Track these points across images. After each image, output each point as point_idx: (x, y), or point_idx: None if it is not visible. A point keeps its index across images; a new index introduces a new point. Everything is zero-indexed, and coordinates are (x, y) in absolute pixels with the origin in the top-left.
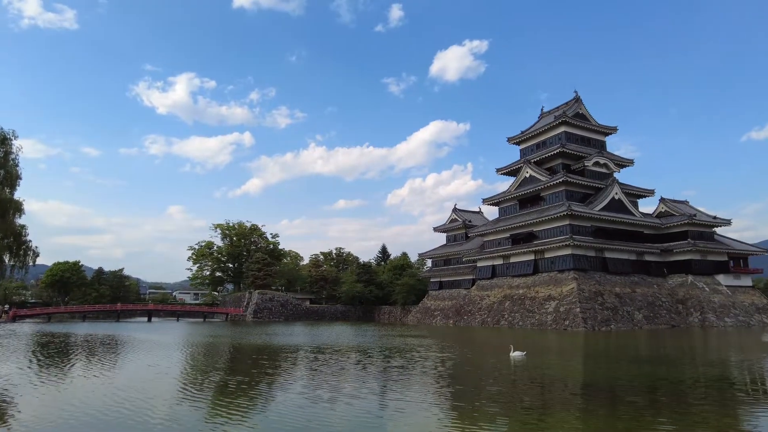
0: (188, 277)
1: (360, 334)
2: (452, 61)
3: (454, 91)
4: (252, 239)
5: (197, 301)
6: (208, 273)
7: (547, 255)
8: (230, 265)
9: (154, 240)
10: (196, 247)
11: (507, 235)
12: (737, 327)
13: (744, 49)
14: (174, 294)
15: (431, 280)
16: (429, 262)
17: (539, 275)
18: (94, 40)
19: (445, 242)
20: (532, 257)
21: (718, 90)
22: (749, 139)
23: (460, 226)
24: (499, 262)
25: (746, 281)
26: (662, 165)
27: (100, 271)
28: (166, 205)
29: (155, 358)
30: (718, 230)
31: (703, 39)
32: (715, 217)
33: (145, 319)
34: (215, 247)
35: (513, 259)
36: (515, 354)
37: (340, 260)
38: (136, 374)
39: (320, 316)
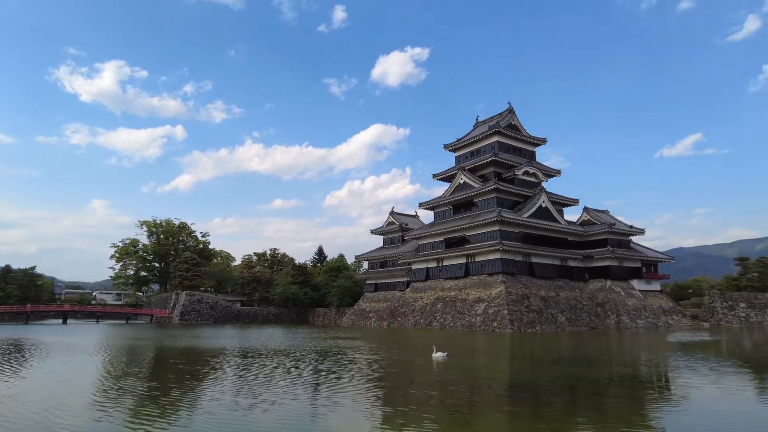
0: (110, 277)
1: (291, 336)
2: (394, 67)
3: (395, 96)
4: (181, 238)
5: (120, 302)
6: (132, 272)
7: (478, 259)
8: (156, 265)
9: (74, 236)
10: (120, 244)
11: (441, 238)
12: (647, 328)
13: (662, 73)
14: (94, 294)
15: (367, 282)
16: (365, 264)
17: (470, 278)
18: (9, 17)
19: (382, 245)
20: (464, 260)
21: (638, 110)
22: (662, 156)
23: (397, 229)
24: (433, 264)
25: (656, 286)
26: (587, 176)
27: (6, 268)
28: (88, 199)
29: (63, 364)
30: (634, 239)
31: (628, 62)
32: (631, 227)
33: (60, 321)
34: (141, 246)
35: (446, 262)
36: (437, 355)
37: (275, 261)
38: (41, 382)
39: (252, 318)
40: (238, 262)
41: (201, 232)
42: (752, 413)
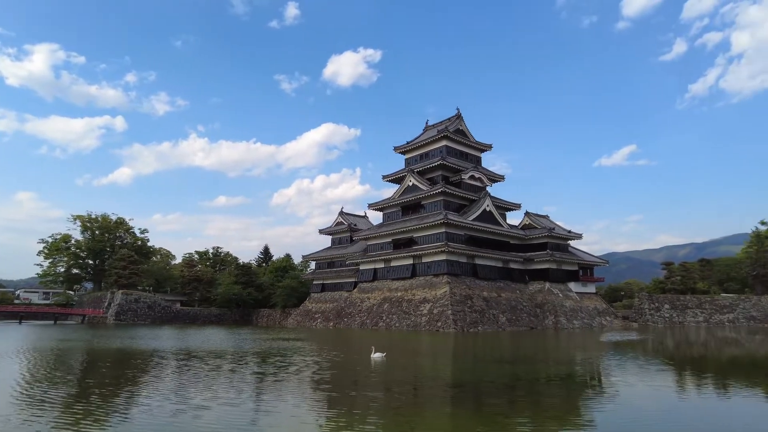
0: (37, 274)
1: (232, 337)
2: (346, 67)
3: (346, 96)
4: (118, 234)
5: (47, 302)
6: (62, 270)
7: (425, 260)
8: (90, 262)
9: None
10: (50, 240)
11: (389, 239)
12: (583, 328)
13: (601, 87)
14: (17, 293)
15: (314, 282)
16: (313, 265)
17: (417, 279)
18: None
19: (330, 245)
20: (411, 261)
21: (578, 121)
22: (600, 165)
23: (346, 230)
24: (381, 265)
25: (591, 288)
26: (529, 182)
27: None
28: (14, 190)
29: None
30: (572, 243)
31: (569, 75)
32: (570, 232)
33: None
34: (73, 241)
35: (394, 263)
36: (376, 355)
37: (218, 260)
38: None
39: (192, 319)
40: (178, 260)
41: (140, 229)
42: (674, 406)
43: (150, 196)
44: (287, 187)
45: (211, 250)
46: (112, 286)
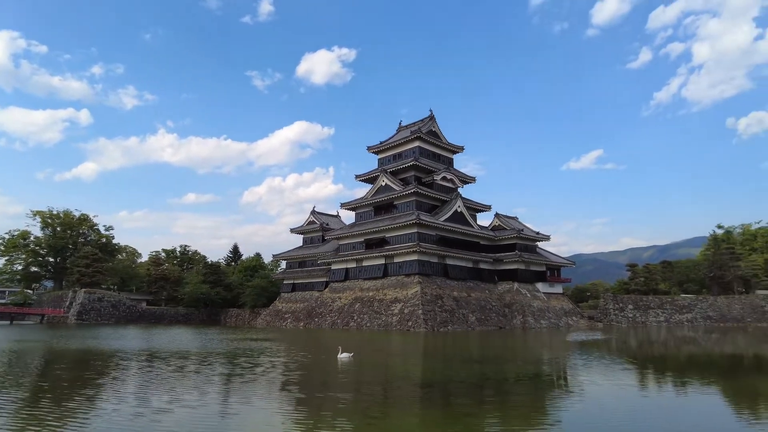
0: None
1: (199, 338)
2: (320, 65)
3: (320, 95)
4: (81, 231)
5: (3, 301)
6: (20, 267)
7: (397, 260)
8: (51, 260)
9: None
10: (7, 236)
11: (361, 239)
12: (550, 328)
13: (571, 92)
14: None
15: (284, 282)
16: (283, 264)
17: (388, 278)
18: None
19: (301, 244)
20: (382, 261)
21: (548, 125)
22: (568, 169)
23: (318, 229)
24: (353, 265)
25: (558, 289)
26: (500, 184)
27: None
28: None
29: None
30: (540, 244)
31: (540, 79)
32: (538, 233)
33: None
34: (33, 238)
35: (365, 263)
36: (343, 356)
37: (185, 259)
38: None
39: (158, 318)
40: (145, 258)
41: (105, 226)
42: (637, 404)
43: (116, 193)
44: (258, 185)
45: (178, 249)
46: (74, 285)
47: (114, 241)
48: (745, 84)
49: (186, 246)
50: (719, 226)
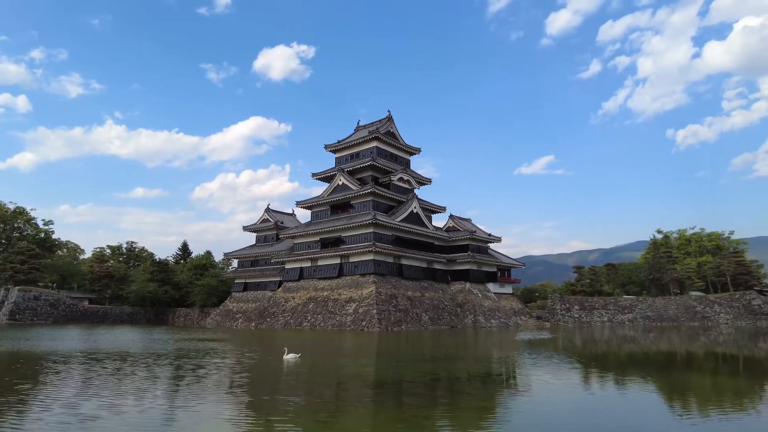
0: None
1: (143, 338)
2: (278, 61)
3: (277, 91)
4: (16, 225)
5: None
6: None
7: (352, 259)
8: None
9: None
10: None
11: (317, 238)
12: (500, 327)
13: (524, 99)
14: None
15: (236, 281)
16: (235, 263)
17: (343, 278)
18: None
19: (254, 242)
20: (338, 261)
21: (502, 130)
22: (520, 173)
23: (272, 227)
24: (308, 264)
25: (508, 289)
26: (455, 185)
27: None
28: None
29: None
30: (492, 246)
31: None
32: (490, 235)
33: None
34: None
35: (321, 262)
36: (289, 357)
37: (132, 256)
38: None
39: (101, 318)
40: (88, 255)
41: (43, 220)
42: (581, 399)
43: (57, 185)
44: (210, 181)
45: (125, 245)
46: (7, 282)
47: (54, 237)
48: (682, 98)
49: (133, 242)
50: (659, 231)
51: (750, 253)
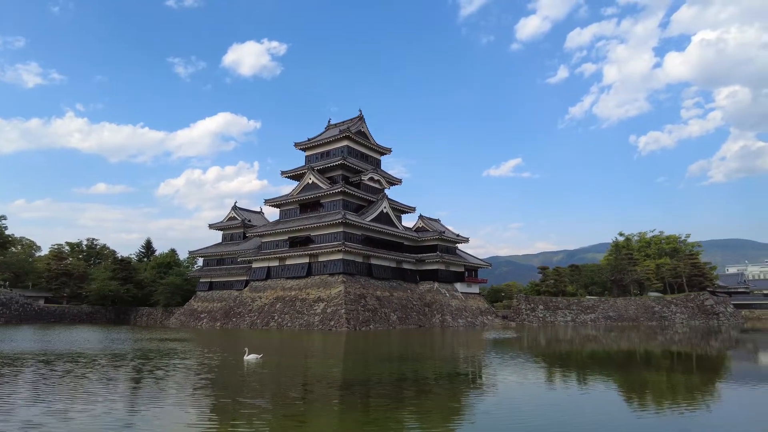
0: None
1: (102, 338)
2: (248, 57)
3: (247, 87)
4: None
5: None
6: None
7: (321, 259)
8: None
9: None
10: None
11: (285, 237)
12: (466, 327)
13: (494, 102)
14: None
15: (201, 280)
16: (201, 261)
17: (312, 278)
18: None
19: (221, 240)
20: (307, 260)
21: (471, 133)
22: (489, 175)
23: (239, 225)
24: (275, 263)
25: (475, 289)
26: (425, 186)
27: None
28: None
29: None
30: (460, 246)
31: (466, 89)
32: (458, 235)
33: None
34: None
35: (289, 261)
36: (250, 357)
37: (93, 253)
38: None
39: (59, 317)
40: (45, 252)
41: None
42: (545, 397)
43: (12, 179)
44: (176, 177)
45: (85, 242)
46: None
47: (7, 232)
48: (644, 106)
49: (93, 239)
50: (620, 234)
51: (704, 255)
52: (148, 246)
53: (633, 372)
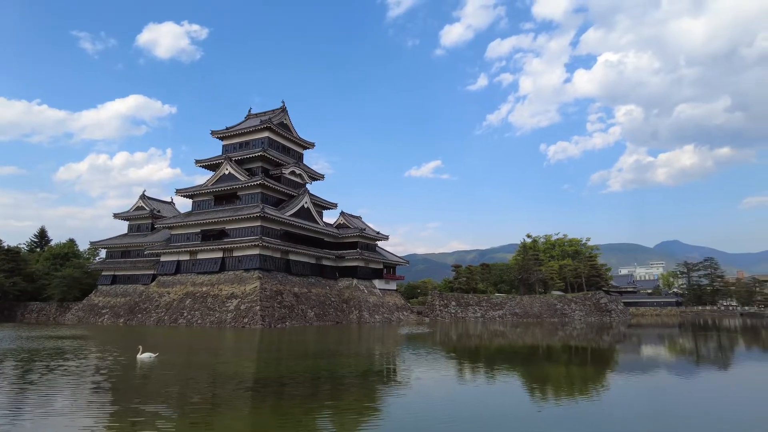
0: None
1: None
2: (166, 38)
3: (162, 69)
4: None
5: None
6: None
7: (236, 254)
8: None
9: None
10: None
11: (198, 230)
12: (383, 322)
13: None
14: None
15: (103, 273)
16: (103, 253)
17: (225, 273)
18: None
19: (126, 231)
20: (220, 255)
21: (394, 133)
22: (410, 176)
23: (147, 216)
24: (186, 257)
25: (393, 286)
26: (347, 183)
27: None
28: None
29: None
30: (379, 243)
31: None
32: (378, 233)
33: None
34: None
35: (201, 256)
36: (143, 356)
37: None
38: None
39: None
40: None
41: None
42: (456, 391)
43: None
44: (79, 162)
45: None
46: None
47: None
48: (555, 117)
49: None
50: (528, 236)
51: (601, 258)
52: (42, 235)
53: (536, 365)
